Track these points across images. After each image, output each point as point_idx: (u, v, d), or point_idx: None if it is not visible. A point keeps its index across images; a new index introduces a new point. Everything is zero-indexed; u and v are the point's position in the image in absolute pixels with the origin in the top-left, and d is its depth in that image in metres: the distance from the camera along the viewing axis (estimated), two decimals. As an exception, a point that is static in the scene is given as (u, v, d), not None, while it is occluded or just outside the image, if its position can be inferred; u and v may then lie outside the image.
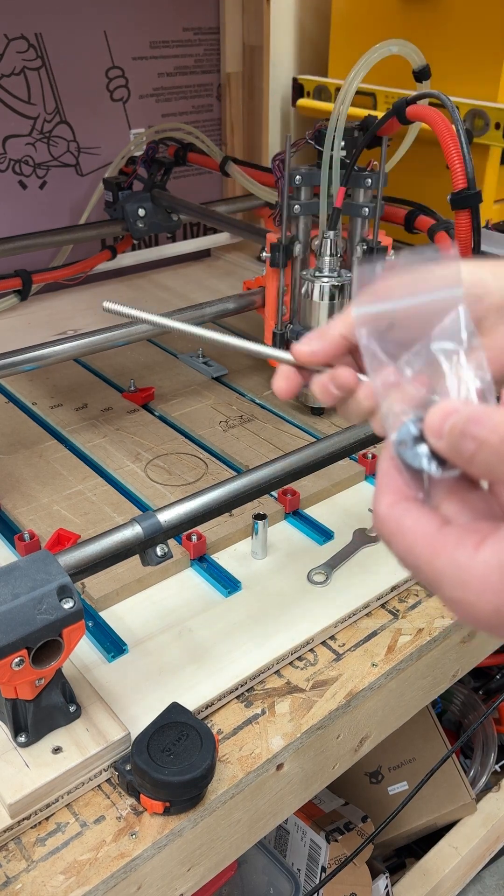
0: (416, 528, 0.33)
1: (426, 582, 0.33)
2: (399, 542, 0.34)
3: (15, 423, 1.00)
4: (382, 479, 0.35)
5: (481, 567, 0.31)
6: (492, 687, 1.39)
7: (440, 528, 0.33)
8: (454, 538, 0.32)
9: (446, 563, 0.32)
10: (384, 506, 0.34)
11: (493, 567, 0.30)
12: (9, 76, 1.26)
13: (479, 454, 0.31)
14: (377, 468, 0.36)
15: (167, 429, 0.99)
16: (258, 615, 0.72)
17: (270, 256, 0.95)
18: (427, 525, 0.33)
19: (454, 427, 0.31)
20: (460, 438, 0.31)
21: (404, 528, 0.33)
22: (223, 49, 1.48)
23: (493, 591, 0.30)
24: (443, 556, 0.32)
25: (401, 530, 0.33)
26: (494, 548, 0.31)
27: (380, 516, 0.35)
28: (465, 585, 0.31)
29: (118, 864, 0.54)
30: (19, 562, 0.55)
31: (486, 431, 0.31)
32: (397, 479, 0.34)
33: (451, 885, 1.18)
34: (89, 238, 1.31)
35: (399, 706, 0.74)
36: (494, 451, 0.30)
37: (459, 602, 0.32)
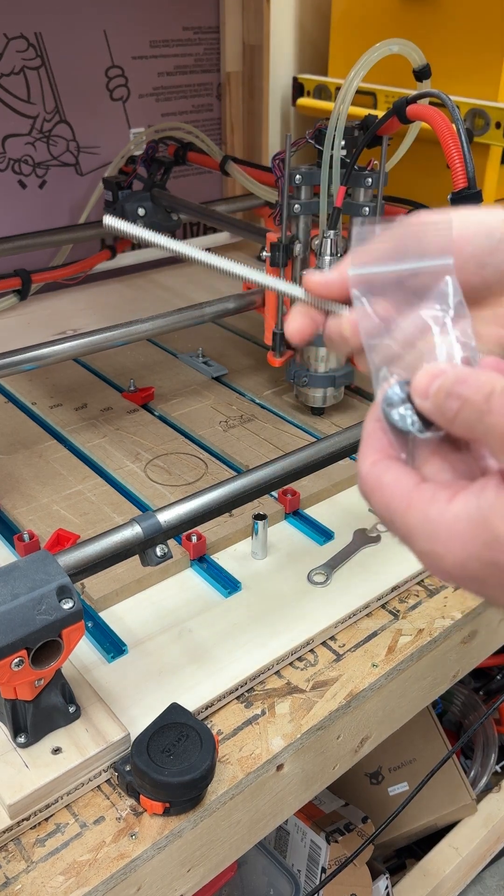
0: (394, 484, 0.34)
1: (400, 536, 0.34)
2: (377, 498, 0.35)
3: (15, 423, 1.00)
4: (367, 438, 0.36)
5: (451, 520, 0.32)
6: (492, 687, 1.38)
7: (417, 484, 0.34)
8: (429, 494, 0.33)
9: (419, 516, 0.33)
10: (367, 464, 0.35)
11: (462, 520, 0.31)
12: (8, 75, 1.25)
13: (461, 412, 0.32)
14: (363, 429, 0.37)
15: (167, 429, 0.99)
16: (258, 615, 0.72)
17: (270, 256, 0.94)
18: (405, 482, 0.34)
19: (441, 388, 0.32)
20: (445, 398, 0.32)
21: (383, 484, 0.34)
22: (223, 48, 1.47)
23: (460, 543, 0.31)
24: (416, 510, 0.33)
25: (380, 486, 0.35)
26: (465, 500, 0.32)
27: (362, 474, 0.36)
28: (435, 538, 0.32)
29: (118, 865, 0.54)
30: (19, 562, 0.55)
31: (470, 390, 0.31)
32: (382, 438, 0.35)
33: (452, 885, 1.18)
34: (89, 237, 1.31)
35: (399, 707, 0.74)
36: (476, 409, 0.31)
37: (429, 554, 0.33)
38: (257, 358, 1.16)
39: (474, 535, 0.31)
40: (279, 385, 1.09)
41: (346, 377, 0.98)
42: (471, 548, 0.31)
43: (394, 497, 0.34)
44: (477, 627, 0.78)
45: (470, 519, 0.31)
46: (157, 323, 0.96)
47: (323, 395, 0.99)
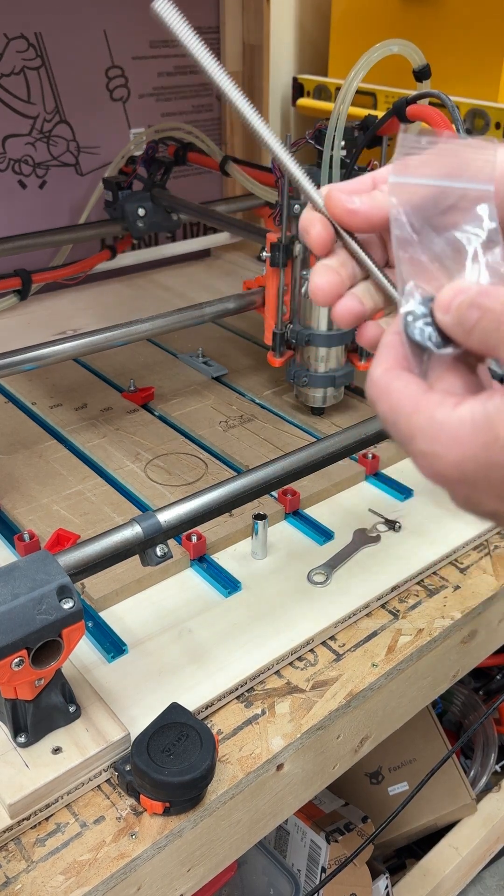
0: (404, 388, 0.35)
1: (402, 437, 0.35)
2: (385, 401, 0.35)
3: (15, 423, 1.00)
4: (384, 348, 0.36)
5: (455, 422, 0.32)
6: (492, 687, 1.38)
7: (426, 391, 0.34)
8: (437, 398, 0.33)
9: (424, 418, 0.33)
10: (379, 370, 0.36)
11: (467, 421, 0.32)
12: (8, 76, 1.25)
13: (480, 322, 0.32)
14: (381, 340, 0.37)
15: (167, 429, 0.99)
16: (258, 615, 0.72)
17: (270, 256, 0.94)
18: (415, 388, 0.34)
19: (463, 301, 0.33)
20: (467, 309, 0.33)
21: (391, 389, 0.35)
22: (223, 49, 1.47)
23: (460, 443, 0.32)
24: (423, 412, 0.33)
25: (388, 391, 0.35)
26: (471, 405, 0.32)
27: (373, 379, 0.36)
28: (437, 438, 0.33)
29: (118, 865, 0.54)
30: (19, 562, 0.55)
31: (490, 301, 0.32)
32: (398, 350, 0.36)
33: (452, 885, 1.18)
34: (89, 238, 1.31)
35: (399, 706, 0.74)
36: (495, 318, 0.32)
37: (427, 454, 0.33)
38: (257, 358, 1.16)
39: (475, 436, 0.32)
40: (279, 385, 1.09)
41: (346, 377, 0.98)
42: (469, 448, 0.32)
43: (402, 399, 0.34)
44: (477, 627, 0.78)
45: (474, 421, 0.32)
46: (157, 323, 0.96)
47: (323, 395, 0.99)
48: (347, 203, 0.40)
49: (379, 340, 0.39)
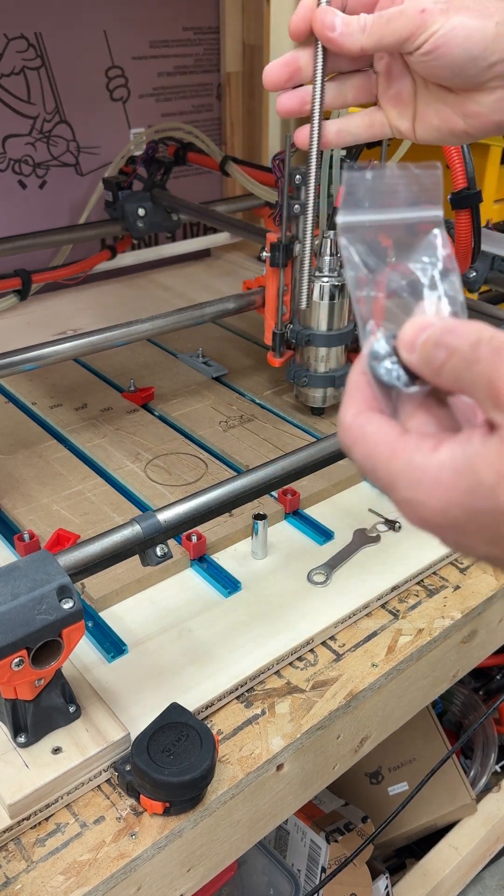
0: (377, 433, 0.34)
1: (382, 485, 0.34)
2: (360, 448, 0.34)
3: (15, 423, 1.00)
4: (351, 390, 0.36)
5: (435, 467, 0.31)
6: (492, 687, 1.38)
7: (400, 434, 0.33)
8: (413, 442, 0.33)
9: (403, 463, 0.32)
10: (349, 414, 0.35)
11: (447, 466, 0.31)
12: (8, 76, 1.25)
13: (449, 362, 0.31)
14: (346, 382, 0.36)
15: (167, 429, 0.99)
16: (258, 615, 0.72)
17: (270, 256, 0.94)
18: (389, 431, 0.34)
19: (428, 339, 0.32)
20: (433, 348, 0.32)
21: (366, 434, 0.34)
22: (223, 49, 1.47)
23: (443, 488, 0.31)
24: (400, 457, 0.33)
25: (363, 436, 0.34)
26: (451, 448, 0.31)
27: (344, 425, 0.35)
28: (418, 484, 0.32)
29: (118, 865, 0.54)
30: (19, 562, 0.55)
31: (457, 340, 0.31)
32: (366, 391, 0.35)
33: (452, 885, 1.18)
34: (89, 238, 1.31)
35: (399, 706, 0.74)
36: (463, 358, 0.31)
37: (410, 501, 0.33)
38: (257, 358, 1.16)
39: (458, 482, 0.31)
40: (279, 385, 1.09)
41: (345, 377, 0.98)
42: (453, 494, 0.31)
43: (377, 445, 0.33)
44: (476, 627, 0.78)
45: (455, 466, 0.31)
46: (157, 323, 0.96)
47: (323, 395, 0.99)
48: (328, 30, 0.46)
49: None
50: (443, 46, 0.46)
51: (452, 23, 0.46)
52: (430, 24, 0.46)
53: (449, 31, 0.46)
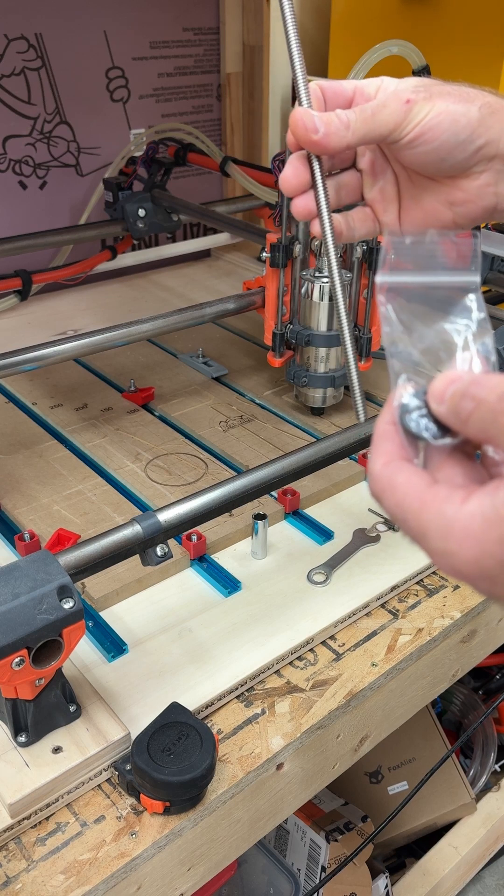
0: (407, 483, 0.34)
1: (413, 534, 0.34)
2: (390, 497, 0.35)
3: (15, 423, 1.00)
4: (379, 439, 0.36)
5: (466, 518, 0.32)
6: (492, 687, 1.39)
7: (430, 485, 0.34)
8: (443, 493, 0.33)
9: (433, 515, 0.33)
10: (379, 465, 0.35)
11: (477, 517, 0.32)
12: (9, 76, 1.26)
13: (476, 413, 0.32)
14: (374, 430, 0.37)
15: (167, 429, 0.99)
16: (258, 615, 0.73)
17: (270, 256, 0.95)
18: (419, 482, 0.34)
19: (456, 391, 0.33)
20: (461, 399, 0.33)
21: (395, 484, 0.34)
22: (223, 49, 1.48)
23: (475, 539, 0.32)
24: (431, 508, 0.33)
25: (392, 486, 0.35)
26: (480, 499, 0.32)
27: (374, 474, 0.36)
28: (449, 535, 0.32)
29: (118, 864, 0.54)
30: (19, 562, 0.55)
31: (484, 391, 0.32)
32: (395, 440, 0.36)
33: (451, 884, 1.18)
34: (89, 238, 1.31)
35: (399, 706, 0.74)
36: (490, 409, 0.32)
37: (443, 553, 0.33)
38: (257, 358, 1.16)
39: (488, 532, 0.31)
40: (279, 385, 1.09)
41: (345, 377, 0.98)
42: (485, 545, 0.31)
43: (407, 496, 0.34)
44: (476, 627, 0.79)
45: (485, 516, 0.31)
46: (157, 323, 0.96)
47: (322, 396, 0.99)
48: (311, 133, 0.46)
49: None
50: (430, 132, 0.47)
51: (438, 108, 0.47)
52: (416, 113, 0.47)
53: (435, 117, 0.47)
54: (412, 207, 0.53)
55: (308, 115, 0.46)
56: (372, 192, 0.53)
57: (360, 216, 0.53)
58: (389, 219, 0.54)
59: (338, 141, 0.47)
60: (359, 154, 0.52)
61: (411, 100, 0.47)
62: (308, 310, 0.95)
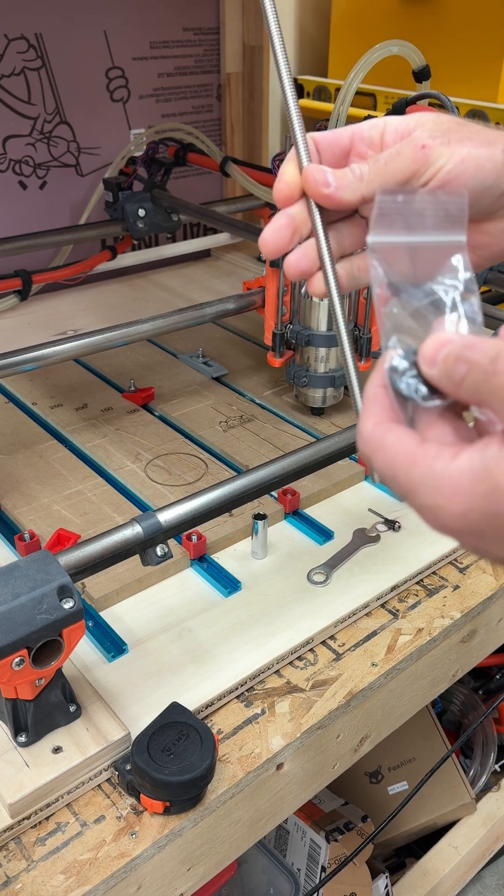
0: (397, 443, 0.35)
1: (402, 492, 0.35)
2: (380, 457, 0.35)
3: (15, 423, 1.00)
4: (370, 402, 0.36)
5: (455, 473, 0.33)
6: (492, 687, 1.39)
7: (420, 443, 0.34)
8: (433, 451, 0.34)
9: (423, 470, 0.33)
10: (369, 425, 0.36)
11: (466, 472, 0.32)
12: (9, 76, 1.26)
13: (469, 376, 0.33)
14: (364, 393, 0.37)
15: (167, 429, 0.99)
16: (258, 615, 0.73)
17: (270, 257, 0.94)
18: (409, 441, 0.35)
19: (449, 354, 0.33)
20: (454, 363, 0.33)
21: (386, 444, 0.35)
22: (223, 49, 1.48)
23: (463, 494, 0.32)
24: (421, 465, 0.34)
25: (382, 446, 0.35)
26: (469, 455, 0.32)
27: (364, 435, 0.36)
28: (438, 490, 0.33)
29: (118, 864, 0.54)
30: (19, 562, 0.55)
31: (478, 354, 0.32)
32: (385, 403, 0.36)
33: (451, 884, 1.18)
34: (89, 238, 1.31)
35: (399, 706, 0.74)
36: (483, 372, 0.32)
37: (431, 507, 0.34)
38: (257, 358, 1.16)
39: (476, 487, 0.32)
40: (279, 385, 1.09)
41: (345, 377, 0.98)
42: (472, 499, 0.32)
43: (398, 454, 0.34)
44: (476, 627, 0.79)
45: (474, 471, 0.32)
46: (157, 323, 0.96)
47: (322, 396, 0.99)
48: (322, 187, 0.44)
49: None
50: (455, 180, 0.44)
51: (460, 154, 0.44)
52: (434, 159, 0.44)
53: (459, 164, 0.44)
54: None
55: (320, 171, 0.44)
56: None
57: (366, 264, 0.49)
58: None
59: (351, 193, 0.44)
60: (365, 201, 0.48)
61: (427, 145, 0.44)
62: (308, 310, 0.95)
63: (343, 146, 0.47)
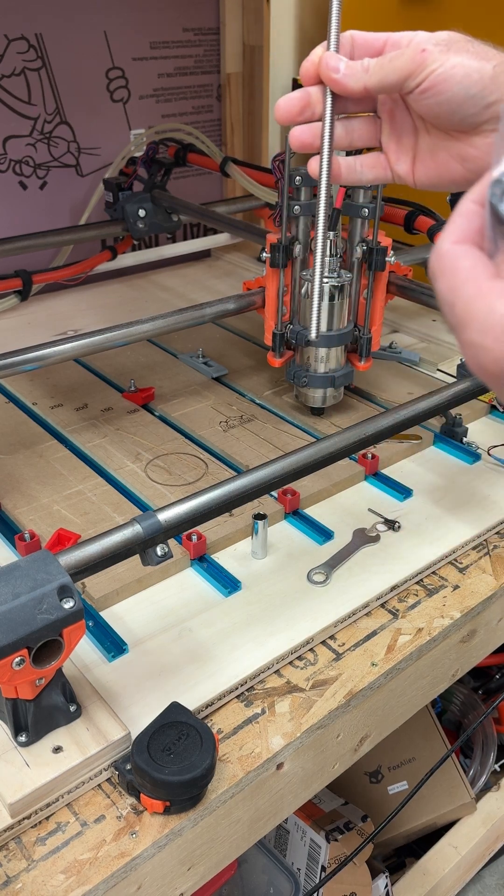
0: (470, 269, 0.33)
1: (455, 322, 0.33)
2: (447, 279, 0.34)
3: (15, 423, 1.00)
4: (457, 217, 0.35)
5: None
6: (491, 686, 1.39)
7: (492, 277, 0.33)
8: (500, 288, 0.32)
9: (483, 306, 0.32)
10: (448, 242, 0.34)
11: None
12: (9, 76, 1.26)
13: None
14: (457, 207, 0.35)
15: (167, 429, 0.99)
16: (258, 615, 0.73)
17: (270, 257, 0.95)
18: (482, 271, 0.33)
19: None
20: None
21: (458, 267, 0.34)
22: (223, 49, 1.48)
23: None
24: (483, 300, 0.32)
25: (454, 268, 0.34)
26: None
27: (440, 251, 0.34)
28: (489, 330, 0.32)
29: (118, 864, 0.54)
30: (20, 562, 0.56)
31: None
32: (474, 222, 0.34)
33: (451, 884, 1.18)
34: (89, 238, 1.31)
35: (399, 706, 0.74)
36: None
37: (476, 345, 0.32)
38: (257, 358, 1.16)
39: None
40: (279, 385, 1.09)
41: (345, 377, 0.99)
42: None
43: (466, 282, 0.33)
44: (476, 627, 0.79)
45: None
46: (157, 323, 0.96)
47: (322, 396, 1.00)
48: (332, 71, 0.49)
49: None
50: (442, 83, 0.48)
51: (452, 62, 0.47)
52: (430, 62, 0.48)
53: (449, 69, 0.47)
54: (426, 159, 0.53)
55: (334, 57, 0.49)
56: (389, 139, 0.54)
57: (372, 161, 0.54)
58: (402, 168, 0.55)
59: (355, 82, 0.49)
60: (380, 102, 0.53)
61: (427, 50, 0.47)
62: (308, 310, 0.95)
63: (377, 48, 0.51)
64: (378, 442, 0.81)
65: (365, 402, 1.06)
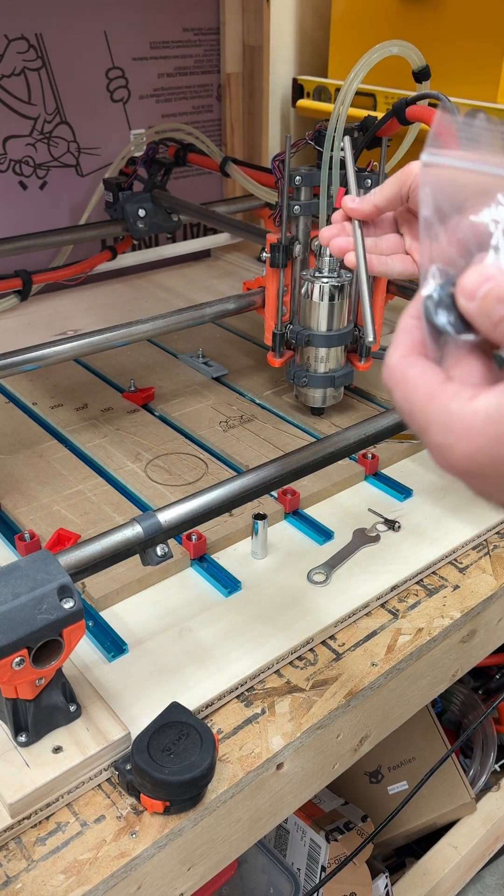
0: (419, 377, 0.35)
1: (416, 427, 0.35)
2: (401, 389, 0.35)
3: (15, 423, 1.00)
4: (401, 333, 0.36)
5: (469, 414, 0.32)
6: (491, 686, 1.39)
7: (442, 381, 0.34)
8: (452, 390, 0.33)
9: (438, 408, 0.33)
10: (396, 356, 0.36)
11: (480, 414, 0.32)
12: (9, 76, 1.26)
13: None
14: (398, 323, 0.37)
15: (167, 429, 0.99)
16: (258, 615, 0.73)
17: (270, 257, 0.95)
18: (431, 377, 0.34)
19: (490, 292, 0.32)
20: (495, 303, 0.32)
21: (408, 377, 0.35)
22: (223, 49, 1.48)
23: (473, 435, 0.32)
24: (437, 402, 0.34)
25: (405, 378, 0.35)
26: (487, 398, 0.32)
27: (389, 366, 0.36)
28: (450, 430, 0.33)
29: (118, 864, 0.54)
30: (20, 562, 0.55)
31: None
32: (415, 335, 0.36)
33: (451, 884, 1.18)
34: (89, 238, 1.31)
35: (399, 706, 0.74)
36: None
37: (441, 446, 0.34)
38: (257, 358, 1.16)
39: (487, 429, 0.32)
40: (279, 385, 1.09)
41: (345, 377, 0.99)
42: (480, 441, 0.32)
43: (417, 389, 0.34)
44: (476, 627, 0.79)
45: (488, 414, 0.32)
46: (157, 323, 0.96)
47: (322, 396, 1.00)
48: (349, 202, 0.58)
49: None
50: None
51: None
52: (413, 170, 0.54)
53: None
54: None
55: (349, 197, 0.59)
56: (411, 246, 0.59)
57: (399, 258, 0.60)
58: None
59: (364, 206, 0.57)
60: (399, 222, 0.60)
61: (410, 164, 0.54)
62: (308, 310, 0.95)
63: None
64: (378, 442, 0.81)
65: (365, 402, 1.06)
